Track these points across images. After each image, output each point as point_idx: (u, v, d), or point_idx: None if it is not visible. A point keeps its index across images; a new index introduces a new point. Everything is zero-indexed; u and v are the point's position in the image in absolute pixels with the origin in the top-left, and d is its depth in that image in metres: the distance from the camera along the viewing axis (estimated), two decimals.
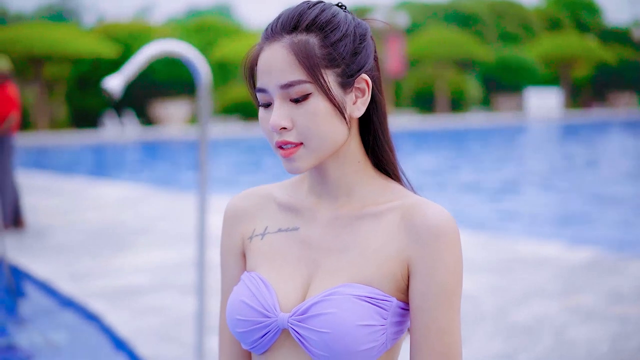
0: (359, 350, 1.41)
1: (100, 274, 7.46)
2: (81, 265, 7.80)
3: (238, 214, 1.62)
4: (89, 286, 6.97)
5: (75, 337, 5.93)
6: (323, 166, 1.51)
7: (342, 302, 1.42)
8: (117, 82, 4.56)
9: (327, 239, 1.51)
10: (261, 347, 1.51)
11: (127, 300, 6.54)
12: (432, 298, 1.43)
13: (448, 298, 1.44)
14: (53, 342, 5.86)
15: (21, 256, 8.17)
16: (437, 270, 1.43)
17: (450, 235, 1.44)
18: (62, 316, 6.45)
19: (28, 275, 7.51)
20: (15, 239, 9.19)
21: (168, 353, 5.22)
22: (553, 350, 5.25)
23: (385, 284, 1.45)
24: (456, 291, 1.44)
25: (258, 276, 1.52)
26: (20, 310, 6.97)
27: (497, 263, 7.80)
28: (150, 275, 7.37)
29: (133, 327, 5.78)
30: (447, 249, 1.43)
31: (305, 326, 1.44)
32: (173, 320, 5.96)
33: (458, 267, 1.45)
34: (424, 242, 1.44)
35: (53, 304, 6.79)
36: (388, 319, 1.44)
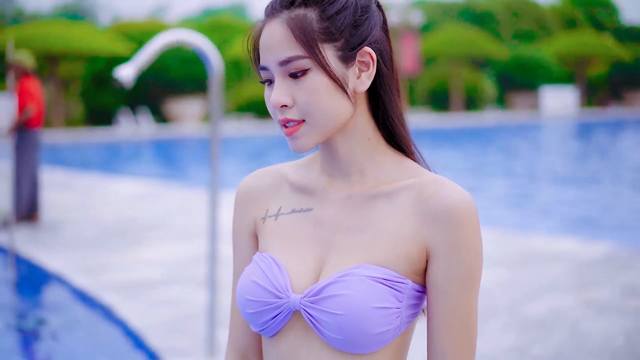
0: (373, 333, 1.38)
1: (113, 267, 7.46)
2: (94, 259, 7.80)
3: (250, 194, 1.59)
4: (102, 279, 6.97)
5: (87, 329, 5.93)
6: (332, 144, 1.47)
7: (357, 284, 1.38)
8: (129, 71, 4.55)
9: (341, 220, 1.47)
10: (271, 329, 1.47)
11: (139, 293, 6.53)
12: (457, 282, 1.40)
13: (472, 281, 1.41)
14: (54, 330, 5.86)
15: (34, 250, 8.18)
16: (461, 254, 1.39)
17: (470, 217, 1.40)
18: (73, 308, 6.46)
19: (40, 268, 7.52)
20: (29, 233, 9.21)
21: (179, 345, 5.20)
22: (567, 344, 5.20)
23: (400, 266, 1.41)
24: (479, 273, 1.42)
25: (270, 257, 1.48)
26: (29, 301, 6.98)
27: (511, 258, 7.75)
28: (162, 269, 7.36)
29: (145, 319, 5.77)
30: (470, 232, 1.40)
31: (318, 308, 1.40)
32: (184, 314, 5.95)
33: (480, 249, 1.41)
34: (443, 224, 1.40)
35: (65, 296, 6.80)
36: (403, 302, 1.40)
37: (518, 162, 19.17)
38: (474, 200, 1.42)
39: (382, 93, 1.48)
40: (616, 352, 5.03)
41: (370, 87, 1.47)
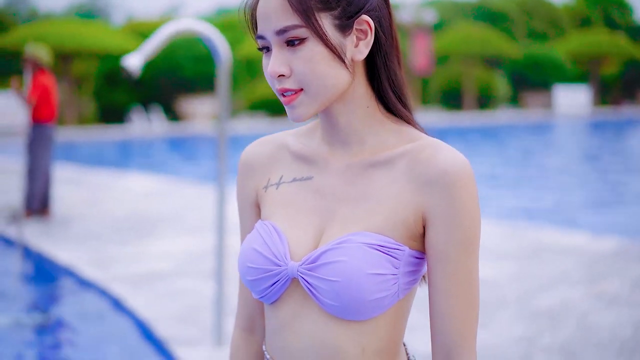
0: (370, 299, 1.38)
1: (122, 260, 7.49)
2: (104, 252, 7.83)
3: (252, 163, 1.59)
4: (111, 271, 6.99)
5: (96, 319, 5.95)
6: (331, 113, 1.47)
7: (353, 251, 1.38)
8: (137, 60, 4.56)
9: (340, 188, 1.47)
10: (271, 296, 1.47)
11: (149, 285, 6.55)
12: (455, 246, 1.39)
13: (471, 245, 1.40)
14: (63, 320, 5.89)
15: (45, 243, 8.22)
16: (458, 218, 1.38)
17: (466, 179, 1.39)
18: (83, 299, 6.49)
19: (50, 260, 7.56)
20: (41, 227, 9.25)
21: (187, 335, 5.22)
22: (576, 335, 5.18)
23: (397, 232, 1.41)
24: (477, 236, 1.41)
25: (271, 225, 1.49)
26: (39, 293, 7.01)
27: (521, 251, 7.73)
28: (171, 262, 7.38)
29: (153, 310, 5.79)
30: (466, 195, 1.39)
31: (314, 275, 1.40)
32: (193, 304, 5.96)
33: (477, 212, 1.40)
34: (438, 187, 1.39)
35: (75, 287, 6.83)
36: (400, 268, 1.40)
37: (530, 160, 19.12)
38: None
39: (381, 62, 1.47)
40: (624, 343, 5.01)
41: (368, 56, 1.47)
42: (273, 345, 1.51)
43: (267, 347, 1.54)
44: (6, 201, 10.83)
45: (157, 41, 4.57)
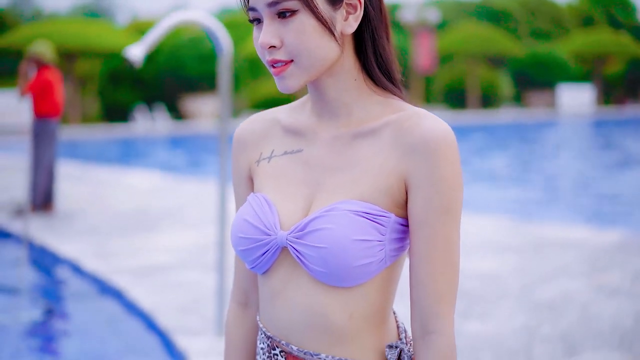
0: (356, 265, 1.40)
1: (125, 253, 7.52)
2: (107, 246, 7.86)
3: (245, 139, 1.63)
4: (114, 264, 7.02)
5: (98, 310, 5.99)
6: (320, 85, 1.49)
7: (339, 218, 1.41)
8: (139, 51, 4.58)
9: (328, 159, 1.50)
10: (262, 265, 1.51)
11: (151, 277, 6.57)
12: (435, 212, 1.41)
13: (451, 211, 1.42)
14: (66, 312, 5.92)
15: (48, 237, 8.25)
16: (438, 184, 1.41)
17: (447, 146, 1.41)
18: (86, 291, 6.51)
19: (54, 254, 7.59)
20: (44, 222, 9.28)
21: (189, 325, 5.24)
22: (577, 325, 5.20)
23: (382, 200, 1.43)
24: (458, 203, 1.42)
25: (263, 197, 1.52)
26: (42, 285, 7.05)
27: (523, 245, 7.75)
28: (173, 255, 7.41)
29: (156, 301, 5.81)
30: (447, 162, 1.41)
31: (302, 242, 1.43)
32: (194, 296, 5.99)
33: (458, 178, 1.43)
34: (419, 154, 1.41)
35: (77, 279, 6.86)
36: (386, 235, 1.43)
37: (533, 157, 19.13)
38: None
39: (369, 36, 1.50)
40: (625, 333, 5.02)
41: (357, 30, 1.49)
42: (265, 315, 1.54)
43: (260, 318, 1.57)
44: (11, 197, 10.87)
45: (159, 32, 4.59)
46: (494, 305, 5.67)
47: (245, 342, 1.67)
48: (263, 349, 1.55)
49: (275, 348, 1.52)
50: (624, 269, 6.68)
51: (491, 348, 4.79)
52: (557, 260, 7.04)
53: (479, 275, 6.55)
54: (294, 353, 1.48)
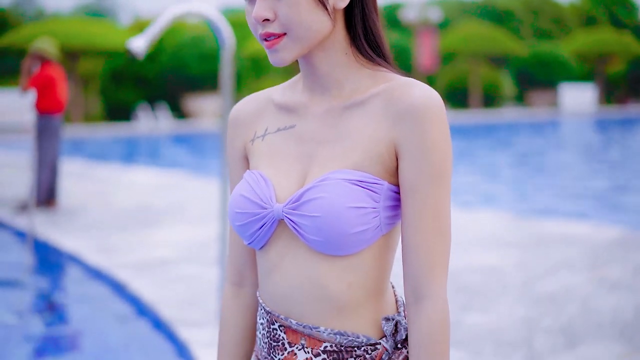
0: (352, 232, 1.42)
1: (127, 248, 7.54)
2: (109, 241, 7.89)
3: (239, 119, 1.65)
4: (116, 259, 7.04)
5: (101, 303, 6.01)
6: (311, 60, 1.52)
7: (332, 187, 1.43)
8: (141, 42, 4.60)
9: (320, 132, 1.52)
10: (259, 240, 1.52)
11: (153, 271, 6.60)
12: (424, 178, 1.43)
13: (439, 176, 1.43)
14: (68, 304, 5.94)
15: (51, 232, 8.28)
16: (426, 150, 1.42)
17: (435, 113, 1.43)
18: (88, 284, 6.54)
19: (56, 248, 7.62)
20: (47, 217, 9.31)
21: (191, 317, 5.26)
22: (578, 317, 5.22)
23: (374, 168, 1.45)
24: (447, 169, 1.44)
25: (258, 173, 1.55)
26: (45, 279, 7.07)
27: (525, 240, 7.77)
28: (175, 250, 7.43)
29: (158, 294, 5.84)
30: (435, 129, 1.42)
31: (298, 213, 1.45)
32: (196, 289, 6.01)
33: (446, 145, 1.44)
34: (408, 121, 1.43)
35: (80, 273, 6.89)
36: (380, 202, 1.44)
37: (535, 155, 19.13)
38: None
39: (359, 10, 1.52)
40: (625, 326, 5.04)
41: (348, 5, 1.52)
42: (264, 290, 1.55)
43: (260, 293, 1.58)
44: (15, 193, 10.90)
45: (161, 24, 4.61)
46: (495, 298, 5.69)
47: (239, 322, 1.68)
48: (262, 324, 1.56)
49: (274, 323, 1.53)
50: (625, 264, 6.70)
51: (492, 340, 4.81)
52: (559, 255, 7.06)
53: (480, 269, 6.57)
54: (292, 327, 1.50)
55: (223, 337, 1.70)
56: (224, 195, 5.00)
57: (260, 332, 1.57)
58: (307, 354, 1.49)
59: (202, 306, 5.52)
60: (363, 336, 1.48)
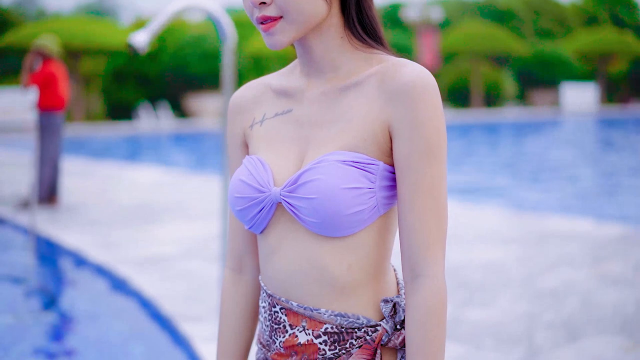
0: (348, 213, 1.43)
1: (128, 244, 7.55)
2: (111, 237, 7.89)
3: (238, 106, 1.67)
4: (118, 255, 7.05)
5: (103, 298, 6.02)
6: (307, 43, 1.53)
7: (328, 168, 1.44)
8: (143, 37, 4.61)
9: (316, 115, 1.53)
10: (259, 224, 1.53)
11: (154, 266, 6.61)
12: (418, 156, 1.43)
13: (433, 154, 1.44)
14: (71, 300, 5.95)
15: (53, 229, 8.28)
16: (419, 128, 1.43)
17: (426, 91, 1.43)
18: (90, 280, 6.55)
19: (58, 245, 7.63)
20: (49, 214, 9.32)
21: (193, 312, 5.27)
22: (579, 312, 5.22)
23: (369, 149, 1.46)
24: (441, 147, 1.44)
25: (257, 158, 1.56)
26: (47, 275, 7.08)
27: (527, 237, 7.77)
28: (177, 246, 7.44)
29: (159, 289, 5.85)
30: (428, 106, 1.43)
31: (295, 195, 1.46)
32: (198, 284, 6.02)
33: (439, 122, 1.44)
34: (400, 100, 1.44)
35: (82, 269, 6.90)
36: (376, 183, 1.45)
37: (536, 154, 19.14)
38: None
39: None
40: (626, 320, 5.04)
41: None
42: (265, 273, 1.56)
43: (262, 277, 1.59)
44: (16, 191, 10.91)
45: (163, 19, 4.61)
46: (496, 294, 5.70)
47: (239, 308, 1.70)
48: (264, 307, 1.57)
49: (275, 305, 1.53)
50: (626, 260, 6.70)
51: (493, 334, 4.81)
52: (560, 251, 7.06)
53: (481, 265, 6.58)
54: (293, 309, 1.50)
55: (223, 323, 1.71)
56: (225, 192, 5.01)
57: (262, 315, 1.58)
58: (308, 335, 1.49)
59: (203, 301, 5.52)
60: (363, 318, 1.49)
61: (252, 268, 1.69)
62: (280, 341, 1.53)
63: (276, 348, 1.54)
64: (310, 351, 1.50)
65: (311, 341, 1.49)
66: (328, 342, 1.48)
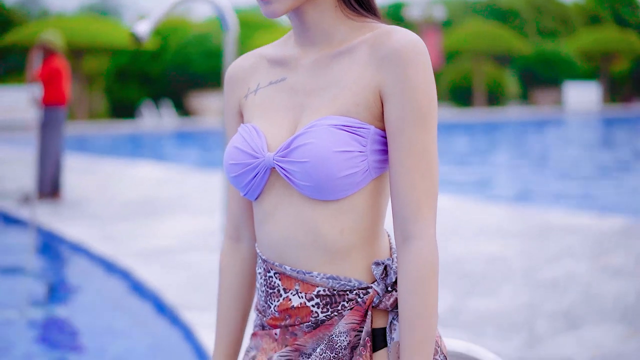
0: (340, 176, 1.45)
1: (131, 237, 7.58)
2: (113, 231, 7.92)
3: (234, 77, 1.69)
4: (120, 247, 7.08)
5: (105, 289, 6.05)
6: (302, 13, 1.55)
7: (320, 132, 1.47)
8: (145, 27, 4.64)
9: (310, 82, 1.56)
10: (254, 190, 1.56)
11: (156, 258, 6.63)
12: (409, 119, 1.45)
13: (423, 118, 1.46)
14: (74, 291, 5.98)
15: (56, 222, 8.31)
16: (409, 91, 1.45)
17: (416, 55, 1.46)
18: (93, 272, 6.58)
19: (61, 237, 7.66)
20: (52, 208, 9.35)
21: (195, 302, 5.29)
22: (580, 302, 5.24)
23: (361, 113, 1.49)
24: (431, 110, 1.47)
25: (251, 125, 1.59)
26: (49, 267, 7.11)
27: (529, 230, 7.79)
28: (179, 239, 7.46)
29: (162, 280, 5.87)
30: (417, 70, 1.46)
31: (288, 160, 1.49)
32: (200, 275, 6.04)
33: (429, 87, 1.47)
34: (391, 65, 1.47)
35: (84, 261, 6.93)
36: (367, 146, 1.47)
37: (539, 151, 19.14)
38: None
39: None
40: (627, 310, 5.06)
41: None
42: (260, 240, 1.59)
43: (257, 244, 1.62)
44: (19, 186, 10.94)
45: (165, 9, 4.65)
46: (497, 284, 5.71)
47: (237, 275, 1.72)
48: (260, 273, 1.59)
49: (270, 270, 1.56)
50: (628, 252, 6.71)
51: (494, 323, 4.83)
52: (562, 244, 7.08)
53: (483, 257, 6.60)
54: (287, 273, 1.53)
55: (222, 290, 1.74)
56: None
57: (259, 281, 1.61)
58: (301, 298, 1.52)
59: (205, 291, 5.54)
60: (355, 280, 1.51)
61: (250, 236, 1.72)
62: (275, 305, 1.55)
63: (271, 313, 1.56)
64: (303, 314, 1.52)
65: (304, 304, 1.51)
66: (320, 305, 1.51)
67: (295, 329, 1.53)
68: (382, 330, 1.53)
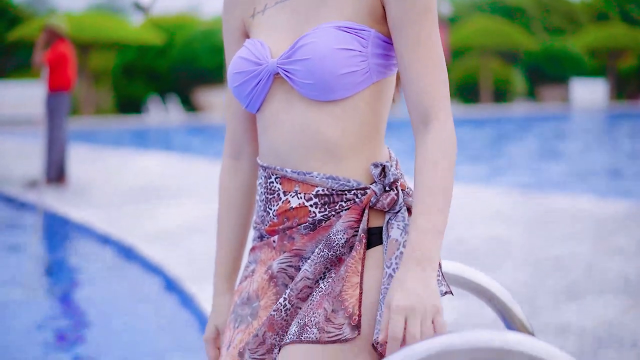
0: (341, 73, 1.50)
1: (135, 220, 7.62)
2: (119, 214, 7.96)
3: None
4: (125, 228, 7.11)
5: (110, 266, 6.08)
6: None
7: (322, 33, 1.52)
8: None
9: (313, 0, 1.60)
10: (255, 99, 1.60)
11: (160, 239, 6.67)
12: (411, 14, 1.50)
13: (426, 10, 1.51)
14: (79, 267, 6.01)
15: (62, 206, 8.36)
16: None
17: None
18: (98, 250, 6.62)
19: (66, 219, 7.70)
20: (58, 193, 9.40)
21: (197, 274, 5.32)
22: (581, 279, 5.25)
23: (362, 17, 1.54)
24: (432, 4, 1.52)
25: (257, 40, 1.63)
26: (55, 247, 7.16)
27: (533, 214, 7.80)
28: (182, 221, 7.50)
29: (165, 256, 5.91)
30: None
31: (290, 60, 1.53)
32: (203, 252, 6.07)
33: None
34: None
35: (89, 240, 6.97)
36: (368, 48, 1.52)
37: (545, 144, 19.14)
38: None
39: None
40: (628, 285, 5.07)
41: None
42: (262, 150, 1.63)
43: (259, 156, 1.65)
44: (25, 172, 11.00)
45: None
46: (500, 262, 5.73)
47: (237, 190, 1.77)
48: (261, 184, 1.63)
49: (271, 176, 1.59)
50: (631, 235, 6.72)
51: None
52: (565, 227, 7.09)
53: (486, 238, 6.61)
54: (287, 175, 1.56)
55: (222, 207, 1.77)
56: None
57: (259, 194, 1.64)
58: (300, 199, 1.55)
59: (209, 264, 5.56)
60: (354, 181, 1.55)
61: (250, 154, 1.75)
62: (274, 210, 1.58)
63: (270, 219, 1.59)
64: (301, 214, 1.55)
65: (302, 204, 1.55)
66: (318, 205, 1.54)
67: (293, 232, 1.57)
68: (379, 229, 1.56)
